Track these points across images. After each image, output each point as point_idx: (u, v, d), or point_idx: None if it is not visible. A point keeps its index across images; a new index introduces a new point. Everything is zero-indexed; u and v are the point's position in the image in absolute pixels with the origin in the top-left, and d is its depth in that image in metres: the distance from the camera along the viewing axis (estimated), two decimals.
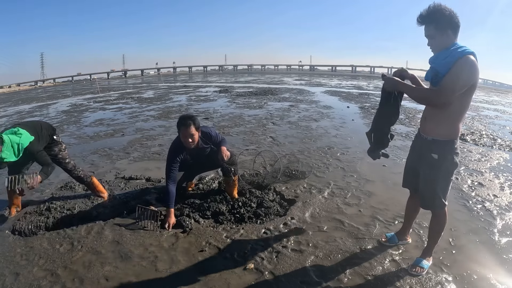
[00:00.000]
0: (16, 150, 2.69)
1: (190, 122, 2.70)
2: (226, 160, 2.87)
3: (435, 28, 1.78)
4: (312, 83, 21.22)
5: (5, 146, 2.61)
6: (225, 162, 2.91)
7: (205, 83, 23.13)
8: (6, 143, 2.62)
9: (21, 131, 2.76)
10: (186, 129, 2.70)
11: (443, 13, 1.75)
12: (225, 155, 2.86)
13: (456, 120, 1.84)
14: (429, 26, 1.79)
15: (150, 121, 7.87)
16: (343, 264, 2.19)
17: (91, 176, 3.30)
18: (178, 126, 2.76)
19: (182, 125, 2.72)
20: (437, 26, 1.77)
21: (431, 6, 1.78)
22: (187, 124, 2.69)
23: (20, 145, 2.70)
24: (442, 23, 1.76)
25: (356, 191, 3.38)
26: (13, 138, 2.69)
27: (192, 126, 2.70)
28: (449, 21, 1.75)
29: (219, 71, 52.88)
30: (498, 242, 2.46)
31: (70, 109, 11.16)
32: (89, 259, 2.29)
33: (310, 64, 57.03)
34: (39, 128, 2.95)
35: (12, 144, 2.66)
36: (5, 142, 2.62)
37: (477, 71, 1.72)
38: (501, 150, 4.96)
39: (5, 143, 2.61)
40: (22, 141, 2.72)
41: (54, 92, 22.03)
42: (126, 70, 52.53)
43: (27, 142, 2.75)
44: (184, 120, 2.72)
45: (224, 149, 2.90)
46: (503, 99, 14.43)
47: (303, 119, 7.50)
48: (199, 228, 2.67)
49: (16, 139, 2.69)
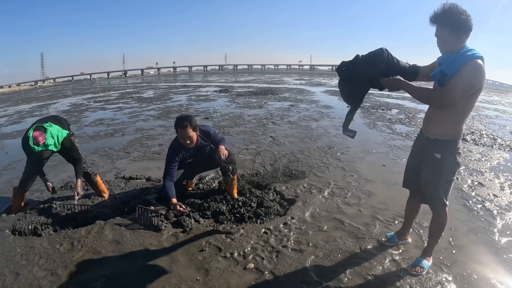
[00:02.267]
0: (57, 141, 2.76)
1: (186, 123, 2.69)
2: (223, 159, 2.87)
3: (451, 32, 1.69)
4: (312, 82, 21.21)
5: (48, 134, 2.69)
6: (223, 161, 2.90)
7: (205, 82, 23.12)
8: (48, 132, 2.69)
9: (54, 126, 2.82)
10: (183, 131, 2.70)
11: (460, 17, 1.67)
12: (222, 154, 2.85)
13: (459, 121, 1.84)
14: (444, 28, 1.71)
15: (150, 120, 7.87)
16: (343, 264, 2.19)
17: (96, 174, 3.31)
18: (175, 127, 2.75)
19: (178, 127, 2.72)
20: (453, 30, 1.68)
21: (447, 6, 1.69)
22: (184, 126, 2.69)
23: (59, 136, 2.79)
24: (458, 28, 1.68)
25: (356, 190, 3.38)
26: (51, 129, 2.75)
27: (189, 127, 2.70)
28: (465, 25, 1.69)
29: (219, 71, 52.87)
30: (498, 242, 2.46)
31: (70, 108, 11.17)
32: (89, 259, 2.29)
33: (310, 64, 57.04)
34: (61, 123, 3.01)
35: (52, 135, 2.73)
36: (48, 131, 2.70)
37: (483, 76, 1.71)
38: (501, 150, 4.96)
39: (47, 131, 2.69)
40: (59, 133, 2.81)
41: (54, 92, 22.03)
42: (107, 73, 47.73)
43: (65, 133, 2.86)
44: (181, 122, 2.70)
45: (222, 148, 2.90)
46: (503, 99, 14.43)
47: (303, 118, 7.50)
48: (199, 228, 2.67)
49: (54, 130, 2.76)
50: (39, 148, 2.62)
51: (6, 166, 4.65)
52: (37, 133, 2.63)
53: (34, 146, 2.60)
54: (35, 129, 2.67)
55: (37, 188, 3.38)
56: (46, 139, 2.65)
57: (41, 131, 2.67)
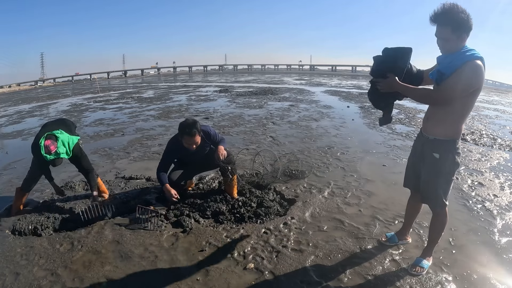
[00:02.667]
0: (68, 148, 2.76)
1: (195, 131, 2.70)
2: (222, 159, 2.88)
3: (452, 32, 1.69)
4: (312, 82, 21.21)
5: (59, 142, 2.68)
6: (222, 162, 2.91)
7: (205, 82, 23.12)
8: (59, 140, 2.69)
9: (64, 133, 2.81)
10: (191, 138, 2.72)
11: (460, 16, 1.67)
12: (221, 154, 2.87)
13: (459, 121, 1.84)
14: (445, 28, 1.71)
15: (150, 120, 7.87)
16: (343, 264, 2.19)
17: (97, 175, 3.31)
18: (181, 134, 2.75)
19: (186, 135, 2.71)
20: (454, 30, 1.69)
21: (447, 6, 1.69)
22: (192, 134, 2.70)
23: (70, 143, 2.78)
24: (459, 27, 1.68)
25: (356, 190, 3.38)
26: (62, 136, 2.75)
27: (197, 134, 2.74)
28: (466, 25, 1.69)
29: (219, 71, 52.85)
30: (498, 242, 2.46)
31: (70, 108, 11.16)
32: (89, 259, 2.29)
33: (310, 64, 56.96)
34: (70, 128, 3.01)
35: (64, 143, 2.72)
36: (59, 139, 2.69)
37: (482, 76, 1.71)
38: (501, 150, 4.95)
39: (59, 139, 2.69)
40: (70, 140, 2.80)
41: (54, 92, 22.02)
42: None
43: (75, 140, 2.86)
44: (189, 129, 2.70)
45: (221, 148, 2.92)
46: (503, 99, 14.42)
47: (303, 118, 7.50)
48: (199, 228, 2.67)
49: (65, 138, 2.76)
50: (51, 156, 2.62)
51: (6, 166, 4.64)
52: (48, 142, 2.61)
53: (46, 155, 2.59)
54: (46, 138, 2.64)
55: (37, 188, 3.38)
56: (58, 147, 2.64)
57: (52, 139, 2.65)
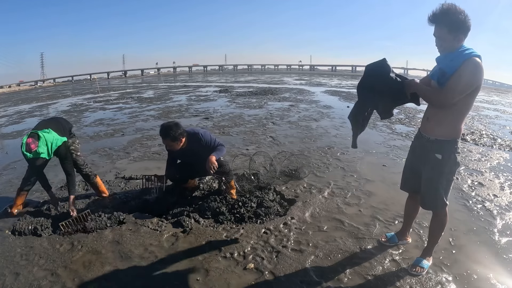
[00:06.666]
0: (50, 149, 2.75)
1: (167, 135, 2.78)
2: (213, 171, 2.83)
3: (449, 32, 1.71)
4: (312, 82, 21.21)
5: (41, 142, 2.67)
6: (215, 172, 2.87)
7: (205, 83, 23.12)
8: (42, 139, 2.68)
9: (52, 132, 2.81)
10: (163, 140, 2.87)
11: (458, 17, 1.69)
12: (210, 168, 2.79)
13: (459, 120, 1.84)
14: (442, 28, 1.73)
15: (150, 121, 7.87)
16: (343, 264, 2.19)
17: (96, 175, 3.31)
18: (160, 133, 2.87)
19: (160, 135, 2.86)
20: (451, 30, 1.71)
21: (445, 6, 1.71)
22: (163, 136, 2.83)
23: (53, 144, 2.77)
24: (457, 28, 1.70)
25: (356, 191, 3.38)
26: (47, 136, 2.74)
27: (168, 139, 2.81)
28: (463, 26, 1.71)
29: (219, 71, 52.84)
30: (498, 242, 2.46)
31: (70, 109, 11.16)
32: (89, 259, 2.29)
33: (310, 64, 56.97)
34: (63, 127, 3.02)
35: (47, 142, 2.71)
36: (41, 138, 2.68)
37: (481, 74, 1.72)
38: (501, 150, 4.95)
39: (41, 139, 2.68)
40: (55, 140, 2.79)
41: (54, 92, 22.02)
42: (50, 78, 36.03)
43: (60, 141, 2.84)
44: (162, 132, 2.82)
45: (211, 159, 2.81)
46: (503, 99, 14.42)
47: (303, 118, 7.50)
48: (199, 228, 2.67)
49: (50, 138, 2.75)
50: (30, 155, 2.62)
51: (6, 166, 4.64)
52: (30, 140, 2.61)
53: (26, 153, 2.61)
54: (29, 135, 2.65)
55: (37, 188, 3.37)
56: (38, 147, 2.63)
57: (34, 138, 2.65)
